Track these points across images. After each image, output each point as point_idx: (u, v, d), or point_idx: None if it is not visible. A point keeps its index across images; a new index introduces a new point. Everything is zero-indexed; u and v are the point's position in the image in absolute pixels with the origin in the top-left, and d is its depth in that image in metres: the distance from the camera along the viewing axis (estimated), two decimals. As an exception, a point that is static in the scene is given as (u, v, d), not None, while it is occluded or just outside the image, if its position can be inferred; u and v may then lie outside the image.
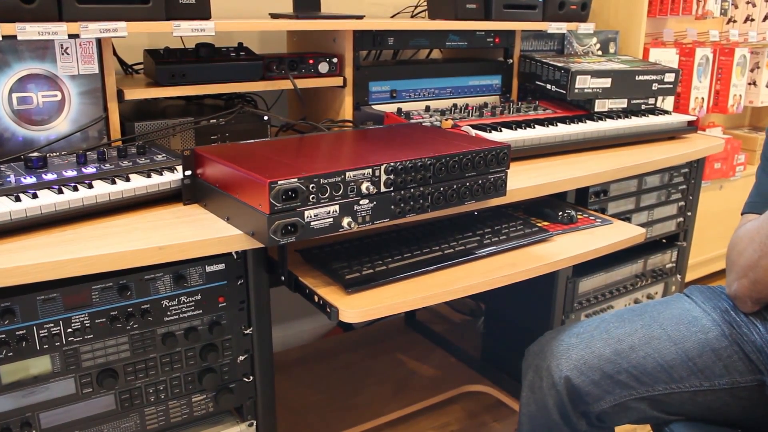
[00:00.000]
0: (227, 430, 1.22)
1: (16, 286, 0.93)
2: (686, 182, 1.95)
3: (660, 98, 1.97)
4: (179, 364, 1.14)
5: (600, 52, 2.17)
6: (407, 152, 1.13)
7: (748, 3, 2.79)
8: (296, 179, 0.97)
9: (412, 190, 1.11)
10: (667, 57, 2.39)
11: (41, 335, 1.01)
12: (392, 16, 2.09)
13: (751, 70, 2.87)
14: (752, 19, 2.79)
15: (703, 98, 2.61)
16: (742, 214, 1.26)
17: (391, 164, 1.07)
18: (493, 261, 1.22)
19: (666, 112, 1.92)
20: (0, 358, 0.98)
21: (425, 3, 1.93)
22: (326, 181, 1.00)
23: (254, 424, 1.25)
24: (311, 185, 0.99)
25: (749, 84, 2.89)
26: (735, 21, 2.81)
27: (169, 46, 1.47)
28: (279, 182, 0.95)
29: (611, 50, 2.20)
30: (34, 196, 1.04)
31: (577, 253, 1.27)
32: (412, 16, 2.09)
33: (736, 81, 2.72)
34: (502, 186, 1.23)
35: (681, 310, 1.22)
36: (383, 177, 1.06)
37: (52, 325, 1.01)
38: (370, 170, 1.05)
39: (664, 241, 2.01)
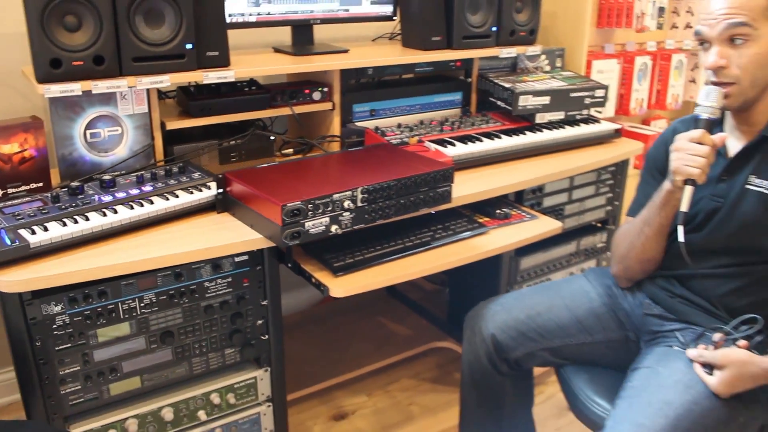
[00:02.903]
0: (249, 374, 1.69)
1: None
2: (614, 178, 2.39)
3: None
4: (216, 327, 1.60)
5: (549, 67, 2.59)
6: (377, 176, 1.58)
7: (687, 12, 3.20)
8: (300, 202, 1.42)
9: (380, 203, 1.56)
10: (608, 66, 2.81)
11: (123, 308, 1.46)
12: (373, 40, 2.51)
13: (692, 69, 3.29)
14: (691, 26, 3.20)
15: (643, 99, 3.04)
16: (626, 215, 1.71)
17: (365, 187, 1.51)
18: (441, 251, 1.67)
19: (597, 121, 2.36)
20: (98, 324, 1.44)
21: (400, 30, 2.35)
22: (320, 201, 1.45)
23: (269, 370, 1.72)
24: (310, 205, 1.44)
25: (690, 81, 3.31)
26: (677, 27, 3.22)
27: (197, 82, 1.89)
28: (288, 204, 1.40)
29: (558, 64, 2.62)
30: (115, 211, 1.49)
31: (504, 244, 1.73)
32: (390, 38, 2.51)
33: (674, 82, 3.14)
34: (448, 196, 1.68)
35: (577, 286, 1.69)
36: (359, 196, 1.51)
37: (131, 301, 1.47)
38: (350, 192, 1.50)
39: (598, 225, 2.46)
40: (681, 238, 1.37)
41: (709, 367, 1.34)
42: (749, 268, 1.42)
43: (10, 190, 1.61)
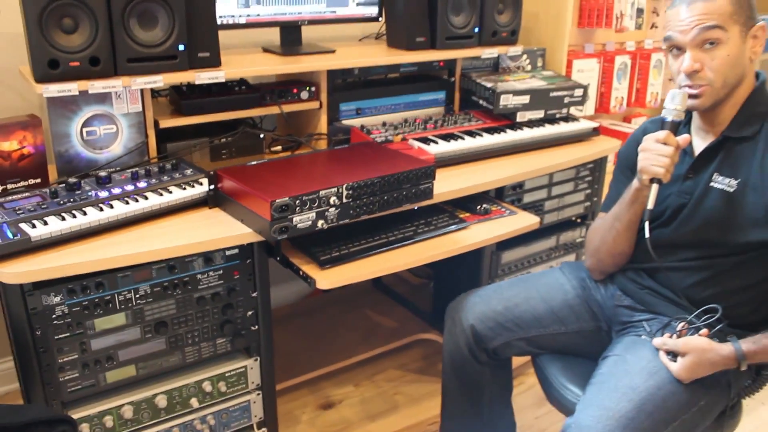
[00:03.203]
0: (240, 363, 1.76)
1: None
2: (592, 175, 2.48)
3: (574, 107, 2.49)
4: (208, 318, 1.67)
5: (530, 67, 2.67)
6: (362, 173, 1.65)
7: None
8: (288, 198, 1.49)
9: (364, 199, 1.64)
10: (589, 66, 2.89)
11: (120, 299, 1.53)
12: (360, 40, 2.58)
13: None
14: (670, 26, 3.28)
15: (622, 97, 3.12)
16: (600, 211, 1.79)
17: (350, 184, 1.59)
18: (424, 245, 1.75)
19: (576, 120, 2.44)
20: (95, 315, 1.51)
21: (385, 31, 2.42)
22: (307, 197, 1.53)
23: (258, 359, 1.79)
24: (297, 201, 1.51)
25: (669, 80, 3.39)
26: (656, 27, 3.31)
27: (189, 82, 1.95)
28: (277, 201, 1.47)
29: (539, 64, 2.70)
30: (111, 206, 1.56)
31: (483, 239, 1.80)
32: (376, 38, 2.58)
33: (653, 81, 3.23)
34: (430, 192, 1.76)
35: (553, 278, 1.77)
36: (344, 192, 1.59)
37: (127, 292, 1.54)
38: (335, 189, 1.57)
39: (578, 220, 2.55)
40: (647, 233, 1.46)
41: (673, 355, 1.43)
42: (712, 261, 1.50)
43: (9, 186, 1.68)
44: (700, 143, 1.55)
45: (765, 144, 1.45)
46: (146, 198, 1.61)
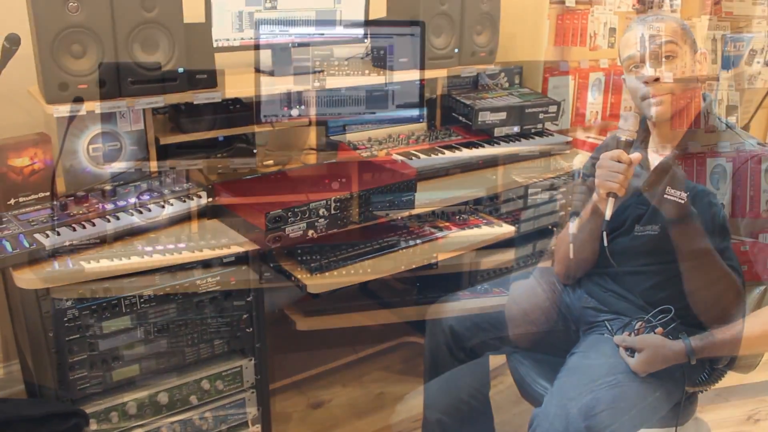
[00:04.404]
0: (236, 363, 1.89)
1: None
2: (566, 185, 2.63)
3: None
4: (206, 320, 1.80)
5: (507, 84, 2.83)
6: (349, 186, 1.80)
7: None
8: (281, 210, 1.64)
9: (351, 210, 1.78)
10: (563, 83, 3.05)
11: (125, 303, 1.66)
12: (347, 60, 2.72)
13: (644, 83, 3.55)
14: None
15: (597, 111, 3.29)
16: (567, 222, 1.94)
17: (338, 196, 1.74)
18: (406, 252, 1.90)
19: (550, 134, 2.60)
20: (103, 317, 1.64)
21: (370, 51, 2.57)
22: (298, 209, 1.67)
23: (253, 359, 1.92)
24: (289, 212, 1.66)
25: (642, 94, 3.56)
26: (629, 44, 3.47)
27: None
28: (271, 212, 1.62)
29: (516, 81, 2.86)
30: (117, 218, 1.69)
31: (461, 247, 1.95)
32: (362, 58, 2.73)
33: (627, 96, 3.40)
34: (411, 203, 1.91)
35: (525, 283, 1.92)
36: (332, 204, 1.74)
37: (132, 296, 1.67)
38: (325, 201, 1.72)
39: (553, 229, 2.69)
40: (605, 242, 1.61)
41: (631, 350, 1.58)
42: (666, 267, 1.65)
43: (21, 199, 1.80)
44: (656, 159, 1.70)
45: (711, 160, 1.61)
46: (149, 210, 1.75)
